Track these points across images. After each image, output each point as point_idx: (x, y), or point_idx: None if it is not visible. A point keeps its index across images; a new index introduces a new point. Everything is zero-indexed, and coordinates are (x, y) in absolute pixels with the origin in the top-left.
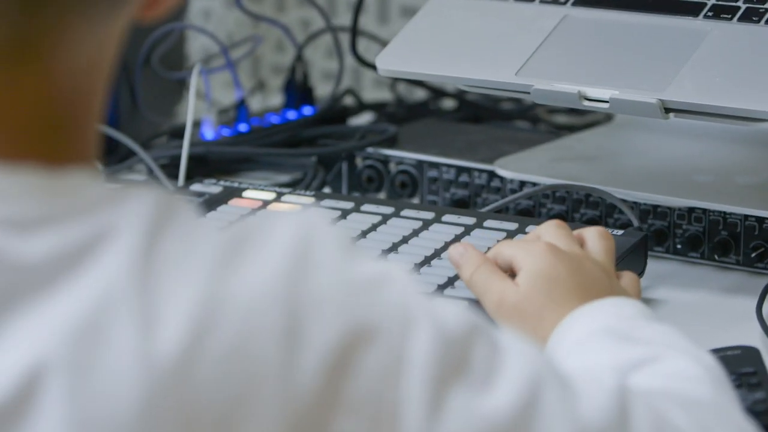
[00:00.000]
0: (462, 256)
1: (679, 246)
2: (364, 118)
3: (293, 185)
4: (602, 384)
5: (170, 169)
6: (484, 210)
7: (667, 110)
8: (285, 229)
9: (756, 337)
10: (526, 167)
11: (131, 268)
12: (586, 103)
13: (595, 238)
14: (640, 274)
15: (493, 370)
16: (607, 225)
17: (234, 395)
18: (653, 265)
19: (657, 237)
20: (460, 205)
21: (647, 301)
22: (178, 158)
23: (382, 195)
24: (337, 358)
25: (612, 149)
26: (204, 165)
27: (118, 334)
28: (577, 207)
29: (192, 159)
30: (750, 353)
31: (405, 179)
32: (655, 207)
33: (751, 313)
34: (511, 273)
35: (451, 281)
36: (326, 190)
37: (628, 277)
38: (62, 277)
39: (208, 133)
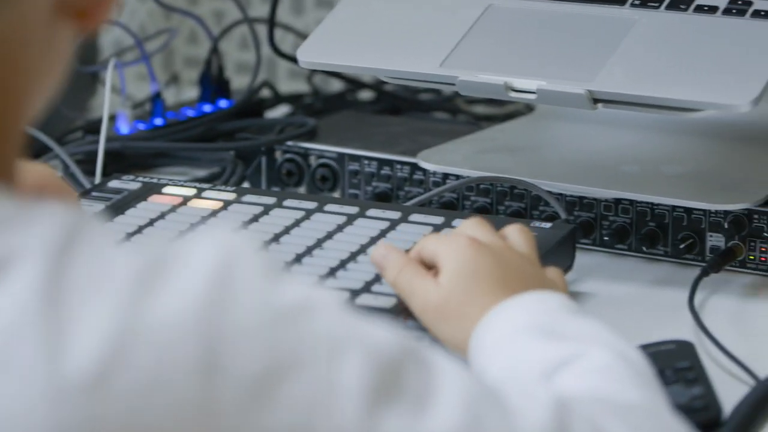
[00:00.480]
0: (384, 258)
1: (606, 238)
2: (281, 111)
3: (212, 180)
4: (537, 399)
5: (86, 165)
6: (408, 204)
7: (596, 101)
8: (204, 254)
9: (689, 331)
10: (450, 159)
11: (37, 293)
12: (513, 94)
13: (515, 233)
14: (569, 267)
15: (427, 394)
16: (532, 217)
17: (150, 430)
18: (580, 258)
19: (583, 229)
20: (382, 199)
21: (575, 295)
22: (94, 154)
23: (302, 189)
24: (258, 390)
25: (536, 140)
26: (120, 160)
27: (23, 360)
28: (501, 199)
29: (108, 154)
30: (684, 347)
31: (326, 173)
32: (581, 198)
33: (682, 306)
34: (436, 270)
35: (378, 278)
36: (245, 184)
37: (552, 272)
38: None
39: (124, 127)
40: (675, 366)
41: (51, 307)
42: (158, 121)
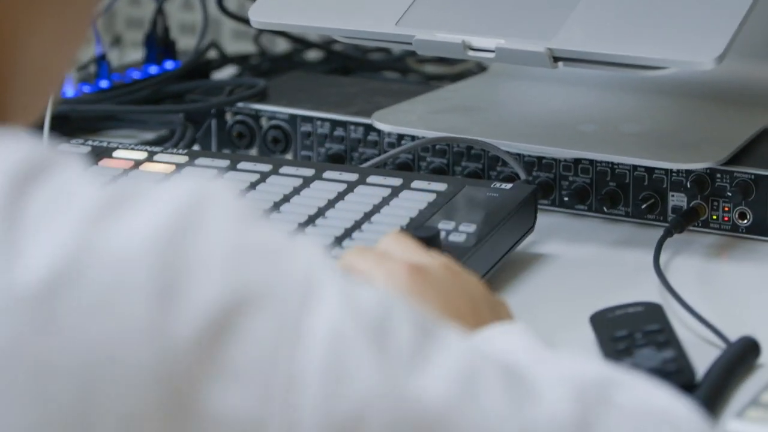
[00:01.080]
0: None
1: (566, 198)
2: (228, 72)
3: (161, 143)
4: (565, 389)
5: (32, 128)
6: (364, 165)
7: (556, 59)
8: (177, 189)
9: (654, 292)
10: (404, 120)
11: None
12: (471, 53)
13: (395, 243)
14: (531, 228)
15: (417, 353)
16: (490, 178)
17: (97, 351)
18: (541, 219)
19: (543, 190)
20: (336, 161)
21: (539, 257)
22: (40, 118)
23: (253, 151)
24: (217, 322)
25: (491, 99)
26: (67, 124)
27: None
28: (459, 160)
29: (54, 118)
30: (653, 310)
31: (277, 134)
32: (540, 159)
33: (646, 267)
34: None
35: (338, 240)
36: (196, 147)
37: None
38: None
39: (69, 90)
40: (644, 329)
41: (7, 225)
42: (104, 84)
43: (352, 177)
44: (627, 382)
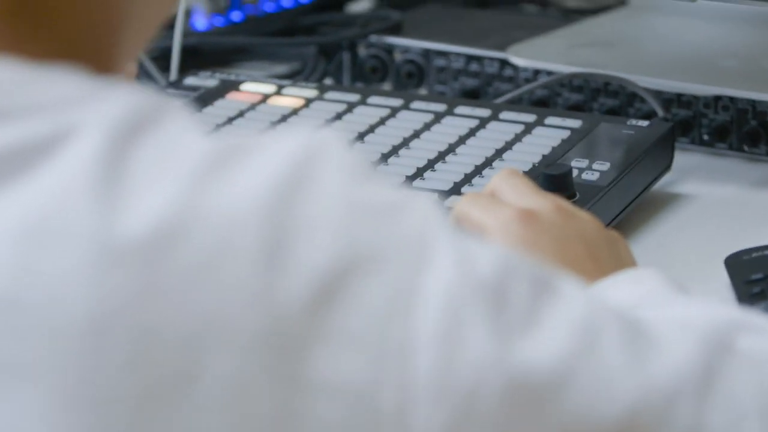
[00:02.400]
0: None
1: (705, 137)
2: (363, 5)
3: (292, 76)
4: (692, 335)
5: (162, 61)
6: (498, 101)
7: None
8: (288, 144)
9: None
10: (541, 54)
11: (96, 165)
12: None
13: (510, 182)
14: (668, 167)
15: (534, 313)
16: (627, 115)
17: (202, 315)
18: (678, 158)
19: (682, 127)
20: (470, 96)
21: (675, 197)
22: (169, 50)
23: (386, 86)
24: (327, 285)
25: (631, 34)
26: (197, 57)
27: (74, 226)
28: (595, 96)
29: (184, 50)
30: None
31: (411, 69)
32: (679, 96)
33: None
34: None
35: (468, 179)
36: (327, 81)
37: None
38: (13, 176)
39: (200, 22)
40: None
41: (109, 178)
42: (236, 16)
43: (485, 113)
44: (759, 327)
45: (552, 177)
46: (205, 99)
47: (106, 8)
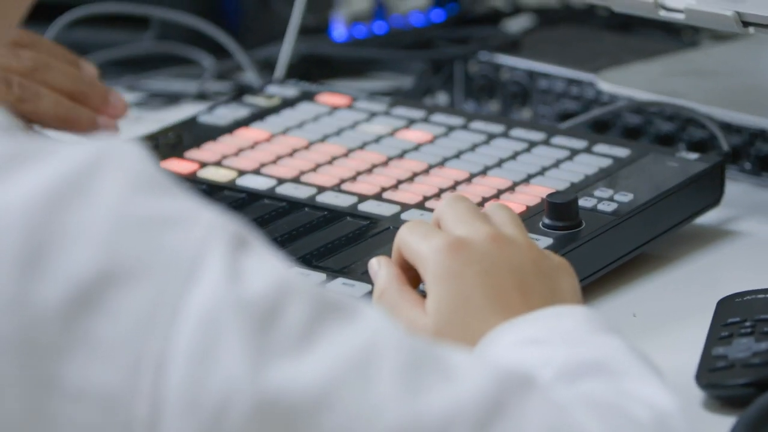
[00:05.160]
0: (374, 274)
1: None
2: (521, 21)
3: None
4: (493, 371)
5: (296, 69)
6: (564, 125)
7: (745, 24)
8: (77, 151)
9: None
10: (628, 80)
11: None
12: (663, 12)
13: (495, 210)
14: (714, 203)
15: (307, 336)
16: (705, 149)
17: None
18: (745, 194)
19: (761, 163)
20: (567, 119)
21: (721, 233)
22: (309, 59)
23: (494, 104)
24: (84, 294)
25: (735, 67)
26: (328, 67)
27: None
28: (684, 128)
29: (316, 60)
30: None
31: (516, 89)
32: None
33: None
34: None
35: (485, 200)
36: (440, 95)
37: (558, 262)
38: None
39: (339, 33)
40: (757, 317)
41: None
42: (380, 27)
43: (538, 136)
44: (618, 373)
45: (553, 205)
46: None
47: None
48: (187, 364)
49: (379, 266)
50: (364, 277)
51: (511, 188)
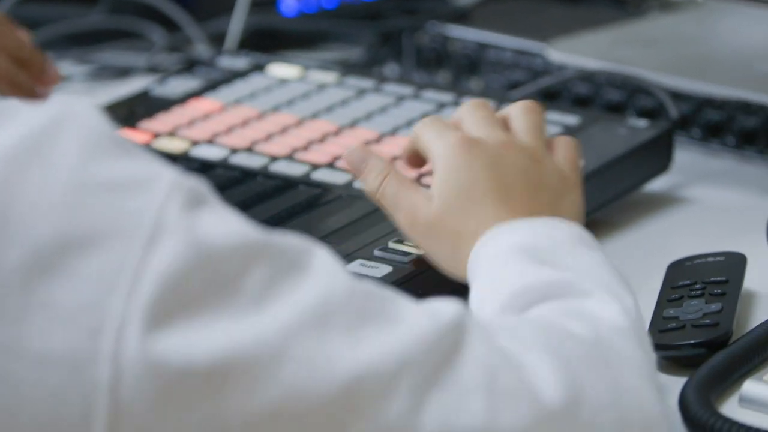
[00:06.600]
0: (363, 163)
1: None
2: None
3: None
4: (436, 312)
5: (245, 42)
6: (514, 93)
7: None
8: (35, 114)
9: None
10: (578, 50)
11: None
12: None
13: (519, 114)
14: (662, 169)
15: (267, 291)
16: (659, 116)
17: None
18: (698, 160)
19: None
20: (515, 88)
21: (668, 199)
22: (256, 32)
23: (444, 74)
24: (44, 259)
25: (683, 35)
26: (279, 39)
27: None
28: (633, 96)
29: (266, 34)
30: (734, 260)
31: (465, 60)
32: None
33: None
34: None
35: None
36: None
37: (563, 144)
38: None
39: (288, 6)
40: (708, 279)
41: None
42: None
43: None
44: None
45: None
46: (227, 79)
47: None
48: (142, 327)
49: (366, 155)
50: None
51: None
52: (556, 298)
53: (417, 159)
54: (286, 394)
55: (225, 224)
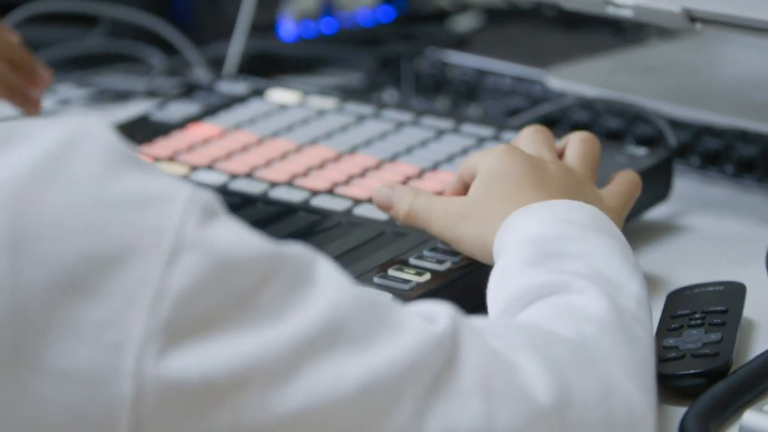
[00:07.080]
0: (393, 193)
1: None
2: (467, 21)
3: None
4: (441, 316)
5: (247, 67)
6: (514, 120)
7: (693, 19)
8: (49, 133)
9: None
10: (578, 77)
11: None
12: (611, 9)
13: (575, 142)
14: (661, 197)
15: (283, 305)
16: (655, 144)
17: None
18: (700, 190)
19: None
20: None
21: (668, 228)
22: (259, 57)
23: (443, 100)
24: (71, 279)
25: (684, 63)
26: (279, 64)
27: None
28: (631, 123)
29: (267, 58)
30: (734, 290)
31: (463, 86)
32: (711, 128)
33: None
34: None
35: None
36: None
37: (620, 179)
38: None
39: (287, 31)
40: (707, 309)
41: None
42: (327, 27)
43: (488, 132)
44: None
45: None
46: (227, 104)
47: None
48: (168, 341)
49: (392, 188)
50: None
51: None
52: (548, 297)
53: (463, 190)
54: (301, 406)
55: (238, 236)
